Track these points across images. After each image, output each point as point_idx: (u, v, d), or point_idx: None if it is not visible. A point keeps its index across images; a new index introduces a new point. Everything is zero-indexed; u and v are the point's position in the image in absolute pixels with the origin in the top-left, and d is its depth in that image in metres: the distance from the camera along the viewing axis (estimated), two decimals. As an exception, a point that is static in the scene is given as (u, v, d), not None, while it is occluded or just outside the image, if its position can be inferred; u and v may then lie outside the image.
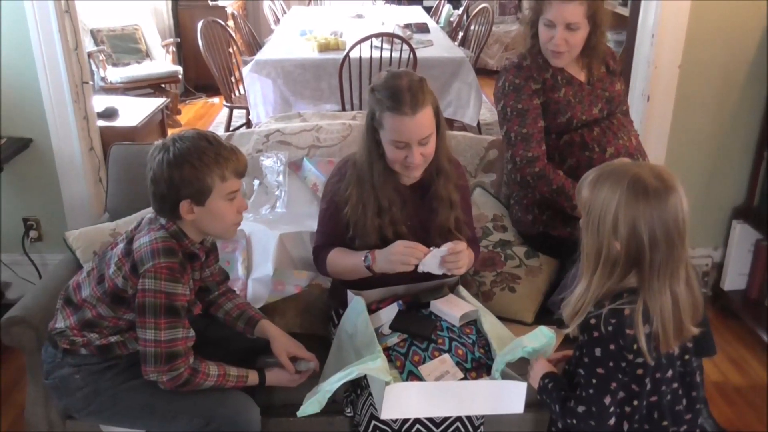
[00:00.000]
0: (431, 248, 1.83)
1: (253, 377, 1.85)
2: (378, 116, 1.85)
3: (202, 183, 1.67)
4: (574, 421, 1.49)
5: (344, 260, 1.96)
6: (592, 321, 1.44)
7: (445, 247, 1.82)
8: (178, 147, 1.66)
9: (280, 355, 1.89)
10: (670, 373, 1.51)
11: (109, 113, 3.91)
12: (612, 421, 1.47)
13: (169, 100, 5.13)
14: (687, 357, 1.54)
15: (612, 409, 1.46)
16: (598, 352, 1.45)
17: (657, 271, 1.40)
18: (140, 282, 1.67)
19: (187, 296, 1.74)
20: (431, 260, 1.82)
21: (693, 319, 1.46)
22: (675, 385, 1.53)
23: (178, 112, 6.15)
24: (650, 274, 1.41)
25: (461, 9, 7.55)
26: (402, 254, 1.80)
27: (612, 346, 1.43)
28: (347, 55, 4.15)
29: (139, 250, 1.70)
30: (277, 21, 6.95)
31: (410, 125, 1.81)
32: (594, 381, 1.46)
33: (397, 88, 1.82)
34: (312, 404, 1.66)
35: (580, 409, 1.48)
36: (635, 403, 1.49)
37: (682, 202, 1.40)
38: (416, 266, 1.83)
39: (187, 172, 1.65)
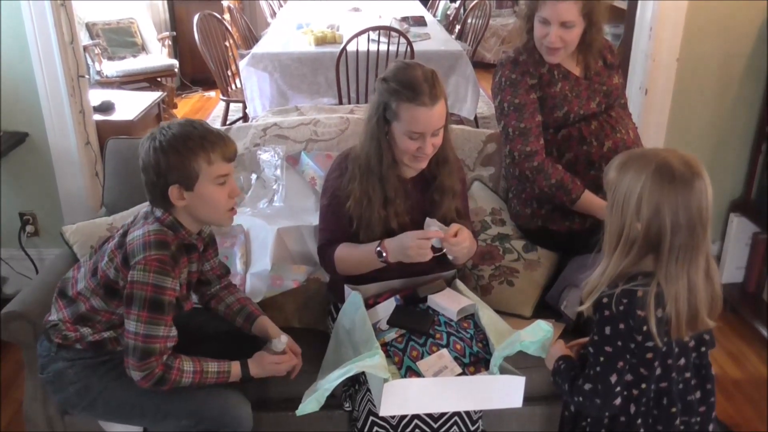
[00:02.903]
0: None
1: (235, 370, 1.79)
2: (394, 107, 1.84)
3: (189, 167, 1.67)
4: (581, 399, 1.52)
5: (354, 255, 1.96)
6: (605, 300, 1.47)
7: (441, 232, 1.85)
8: (164, 134, 1.68)
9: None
10: (682, 361, 1.53)
11: (106, 107, 3.90)
12: (618, 401, 1.50)
13: (165, 93, 5.10)
14: (704, 349, 1.56)
15: (618, 389, 1.48)
16: (607, 330, 1.47)
17: (676, 256, 1.41)
18: (130, 273, 1.67)
19: (176, 291, 1.71)
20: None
21: (711, 311, 1.48)
22: (688, 374, 1.55)
23: (175, 106, 6.13)
24: (668, 258, 1.42)
25: (458, 2, 7.53)
26: (418, 247, 1.81)
27: (622, 326, 1.45)
28: (344, 48, 4.13)
29: (131, 242, 1.69)
30: (273, 14, 6.93)
31: (429, 116, 1.82)
32: (602, 359, 1.48)
33: (415, 78, 1.82)
34: (311, 402, 1.66)
35: (587, 386, 1.50)
36: (643, 386, 1.51)
37: (707, 190, 1.43)
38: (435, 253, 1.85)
39: (173, 157, 1.66)
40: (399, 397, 1.64)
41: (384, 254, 1.88)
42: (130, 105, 4.05)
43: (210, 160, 1.69)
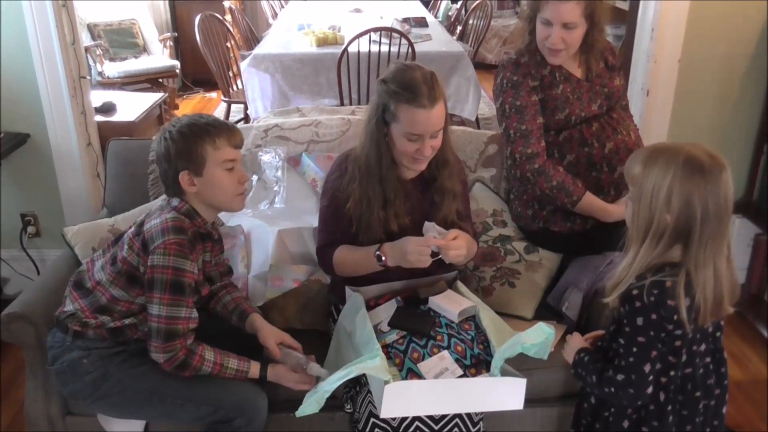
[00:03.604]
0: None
1: (253, 372, 1.85)
2: (393, 109, 1.84)
3: (195, 152, 1.77)
4: (612, 390, 1.54)
5: (353, 258, 1.96)
6: (635, 292, 1.50)
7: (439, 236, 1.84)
8: (174, 125, 1.80)
9: (266, 341, 1.90)
10: (703, 347, 1.57)
11: (107, 108, 3.90)
12: (650, 389, 1.53)
13: (166, 94, 5.11)
14: (718, 334, 1.61)
15: (651, 377, 1.51)
16: (640, 321, 1.50)
17: (705, 245, 1.45)
18: (150, 258, 1.73)
19: (194, 275, 1.78)
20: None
21: (731, 298, 1.52)
22: (708, 359, 1.60)
23: (176, 107, 6.13)
24: (698, 248, 1.45)
25: (459, 3, 7.53)
26: (418, 253, 1.81)
27: (654, 316, 1.49)
28: (345, 49, 4.13)
29: (149, 230, 1.76)
30: (275, 15, 6.94)
31: (427, 118, 1.82)
32: (634, 349, 1.51)
33: (414, 80, 1.82)
34: (311, 404, 1.66)
35: (619, 377, 1.53)
36: (672, 373, 1.55)
37: (731, 181, 1.46)
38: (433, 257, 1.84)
39: (180, 143, 1.77)
40: (400, 399, 1.64)
41: (383, 258, 1.88)
42: (132, 106, 4.06)
43: (215, 145, 1.78)
